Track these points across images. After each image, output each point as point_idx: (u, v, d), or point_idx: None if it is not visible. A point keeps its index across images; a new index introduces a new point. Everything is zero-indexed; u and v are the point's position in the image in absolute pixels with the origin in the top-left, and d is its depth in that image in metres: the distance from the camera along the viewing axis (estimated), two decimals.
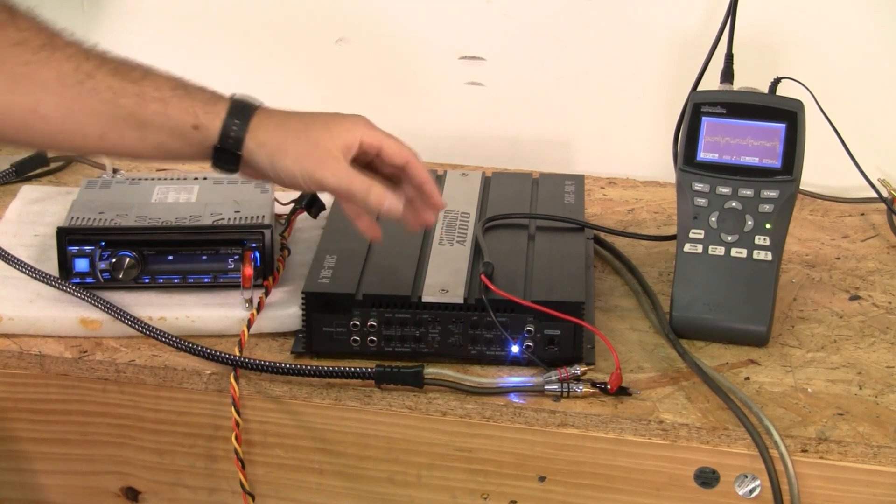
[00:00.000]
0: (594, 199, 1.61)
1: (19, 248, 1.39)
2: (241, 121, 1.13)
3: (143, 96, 1.11)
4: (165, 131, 1.13)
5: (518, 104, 1.73)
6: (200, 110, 1.13)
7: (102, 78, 1.11)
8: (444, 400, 1.21)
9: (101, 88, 1.10)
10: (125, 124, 1.12)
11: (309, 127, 1.14)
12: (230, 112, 1.13)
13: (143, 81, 1.12)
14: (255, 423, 1.25)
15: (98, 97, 1.10)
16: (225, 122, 1.13)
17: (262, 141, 1.13)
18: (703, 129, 1.29)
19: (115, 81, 1.11)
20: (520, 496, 1.23)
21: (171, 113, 1.12)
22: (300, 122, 1.14)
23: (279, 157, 1.13)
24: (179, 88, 1.13)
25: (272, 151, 1.13)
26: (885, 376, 1.24)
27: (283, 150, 1.13)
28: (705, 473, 1.18)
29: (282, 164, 1.14)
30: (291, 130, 1.14)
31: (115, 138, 1.12)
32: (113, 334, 1.30)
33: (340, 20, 1.74)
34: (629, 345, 1.29)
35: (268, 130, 1.13)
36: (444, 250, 1.33)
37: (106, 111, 1.11)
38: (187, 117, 1.12)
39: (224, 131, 1.13)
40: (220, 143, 1.13)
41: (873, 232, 1.54)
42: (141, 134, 1.12)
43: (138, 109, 1.11)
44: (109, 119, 1.11)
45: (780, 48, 1.61)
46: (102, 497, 1.33)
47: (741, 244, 1.28)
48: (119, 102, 1.11)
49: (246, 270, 1.31)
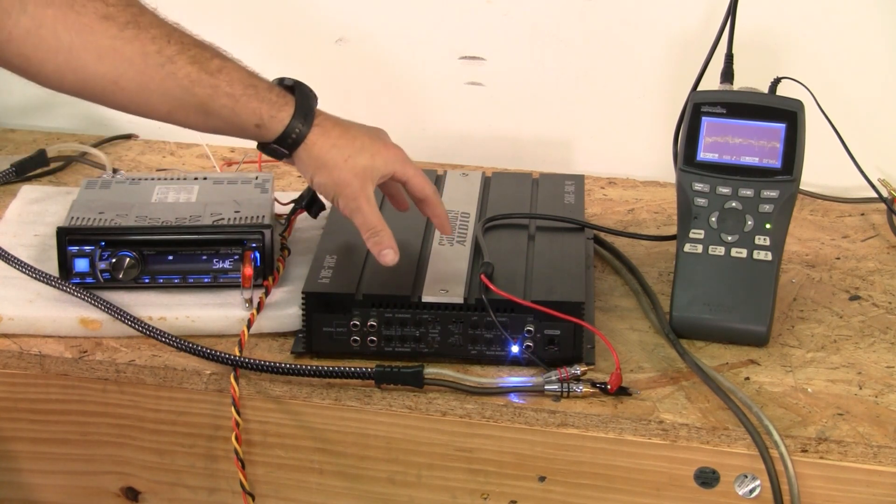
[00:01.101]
0: (594, 199, 1.61)
1: (19, 248, 1.39)
2: (300, 129, 1.22)
3: (217, 90, 1.18)
4: (229, 124, 1.21)
5: (518, 104, 1.73)
6: (266, 113, 1.21)
7: (182, 65, 1.17)
8: (444, 400, 1.21)
9: (179, 75, 1.17)
10: (194, 110, 1.19)
11: (358, 153, 1.24)
12: (294, 116, 1.22)
13: (218, 74, 1.18)
14: (255, 423, 1.25)
15: (175, 82, 1.17)
16: (287, 127, 1.22)
17: (314, 154, 1.23)
18: (703, 129, 1.29)
19: (193, 70, 1.17)
20: (520, 496, 1.23)
21: (238, 110, 1.19)
22: (351, 146, 1.24)
23: (321, 172, 1.24)
24: (250, 87, 1.20)
25: (318, 166, 1.24)
26: (885, 376, 1.24)
27: (327, 169, 1.23)
28: (705, 473, 1.18)
29: (319, 180, 1.25)
30: (342, 153, 1.23)
31: (180, 117, 1.20)
32: (113, 334, 1.30)
33: (340, 20, 1.74)
34: (629, 345, 1.29)
35: (323, 148, 1.23)
36: (444, 250, 1.33)
37: (179, 96, 1.18)
38: (253, 117, 1.20)
39: (284, 135, 1.22)
40: (276, 143, 1.23)
41: (873, 232, 1.54)
42: (205, 119, 1.20)
43: (209, 101, 1.18)
44: (181, 102, 1.18)
45: (780, 48, 1.61)
46: (102, 497, 1.33)
47: (741, 244, 1.28)
48: (193, 91, 1.18)
49: (246, 270, 1.31)
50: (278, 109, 1.21)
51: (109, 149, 1.76)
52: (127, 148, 1.78)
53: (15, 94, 1.84)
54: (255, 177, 1.46)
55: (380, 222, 1.25)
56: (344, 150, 1.24)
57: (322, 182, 1.24)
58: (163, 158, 1.74)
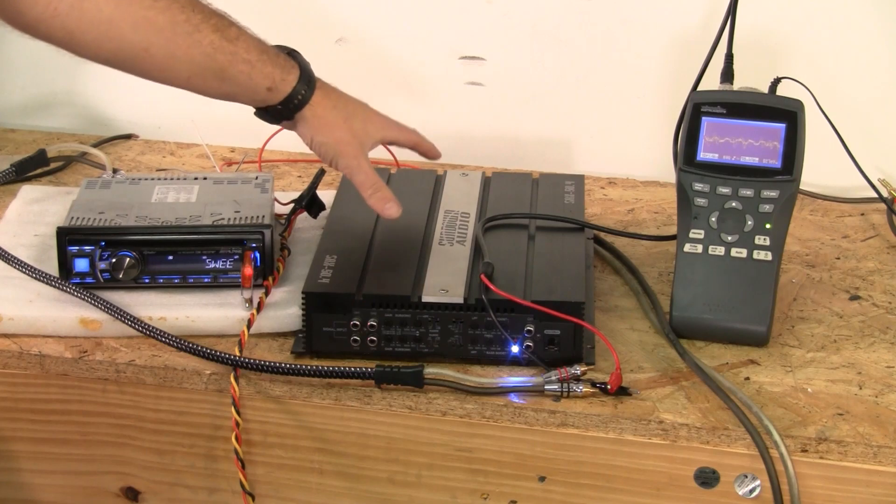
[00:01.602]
0: (594, 199, 1.61)
1: (19, 248, 1.39)
2: (305, 91, 1.28)
3: (236, 55, 1.24)
4: (244, 88, 1.26)
5: (518, 104, 1.73)
6: (278, 77, 1.27)
7: (207, 33, 1.22)
8: (444, 400, 1.21)
9: (204, 43, 1.22)
10: (213, 75, 1.24)
11: (354, 116, 1.31)
12: (299, 80, 1.28)
13: (237, 41, 1.24)
14: (255, 423, 1.25)
15: (200, 49, 1.22)
16: (294, 89, 1.28)
17: (317, 115, 1.29)
18: (703, 129, 1.29)
19: (216, 38, 1.23)
20: (520, 496, 1.23)
21: (254, 75, 1.25)
22: (348, 108, 1.32)
23: (323, 132, 1.30)
24: (264, 53, 1.26)
25: (320, 125, 1.29)
26: (885, 376, 1.24)
27: (328, 128, 1.30)
28: (705, 473, 1.18)
29: (320, 139, 1.30)
30: (341, 113, 1.30)
31: (198, 82, 1.25)
32: (113, 334, 1.30)
33: (340, 20, 1.74)
34: (629, 345, 1.29)
35: (325, 108, 1.29)
36: (444, 250, 1.33)
37: (202, 62, 1.23)
38: (266, 81, 1.26)
39: (290, 97, 1.28)
40: (282, 104, 1.28)
41: (873, 232, 1.54)
42: (221, 84, 1.25)
43: (229, 67, 1.24)
44: (202, 68, 1.23)
45: (780, 48, 1.61)
46: (102, 497, 1.33)
47: (741, 244, 1.28)
48: (215, 57, 1.23)
49: (246, 270, 1.31)
50: (287, 73, 1.27)
51: (109, 149, 1.76)
52: (127, 148, 1.78)
53: (15, 94, 1.84)
54: (255, 177, 1.46)
55: (379, 180, 1.31)
56: (343, 110, 1.31)
57: (323, 141, 1.30)
58: (163, 158, 1.74)
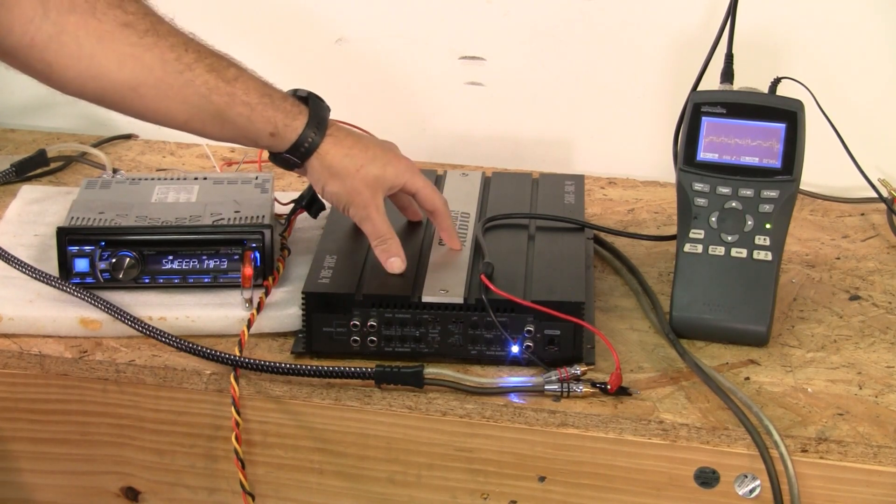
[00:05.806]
0: (594, 199, 1.61)
1: (19, 248, 1.39)
2: (313, 138, 1.24)
3: (234, 97, 1.20)
4: (244, 131, 1.23)
5: (518, 104, 1.73)
6: (281, 122, 1.23)
7: (200, 73, 1.19)
8: (444, 400, 1.21)
9: (197, 83, 1.19)
10: (210, 117, 1.21)
11: (369, 163, 1.26)
12: (307, 125, 1.24)
13: (235, 82, 1.20)
14: (255, 423, 1.25)
15: (193, 90, 1.19)
16: (301, 136, 1.24)
17: (326, 163, 1.25)
18: (703, 129, 1.29)
19: (211, 78, 1.19)
20: (520, 496, 1.23)
21: (254, 118, 1.22)
22: (363, 156, 1.26)
23: (333, 182, 1.26)
24: (266, 96, 1.22)
25: (330, 175, 1.26)
26: (885, 376, 1.24)
27: (339, 178, 1.26)
28: (705, 473, 1.18)
29: (331, 189, 1.27)
30: (354, 162, 1.26)
31: (196, 125, 1.22)
32: (113, 334, 1.30)
33: (340, 20, 1.74)
34: (629, 345, 1.29)
35: (335, 157, 1.25)
36: (444, 250, 1.33)
37: (197, 103, 1.19)
38: (267, 126, 1.22)
39: (297, 144, 1.24)
40: (289, 152, 1.25)
41: (873, 232, 1.54)
42: (221, 127, 1.22)
43: (226, 109, 1.20)
44: (198, 110, 1.20)
45: (780, 48, 1.61)
46: (102, 497, 1.33)
47: (741, 244, 1.28)
48: (211, 98, 1.20)
49: (246, 270, 1.31)
50: (293, 118, 1.23)
51: (109, 149, 1.76)
52: (127, 148, 1.78)
53: (15, 94, 1.84)
54: (255, 177, 1.46)
55: (389, 231, 1.27)
56: (356, 159, 1.26)
57: (334, 191, 1.27)
58: (163, 158, 1.74)
